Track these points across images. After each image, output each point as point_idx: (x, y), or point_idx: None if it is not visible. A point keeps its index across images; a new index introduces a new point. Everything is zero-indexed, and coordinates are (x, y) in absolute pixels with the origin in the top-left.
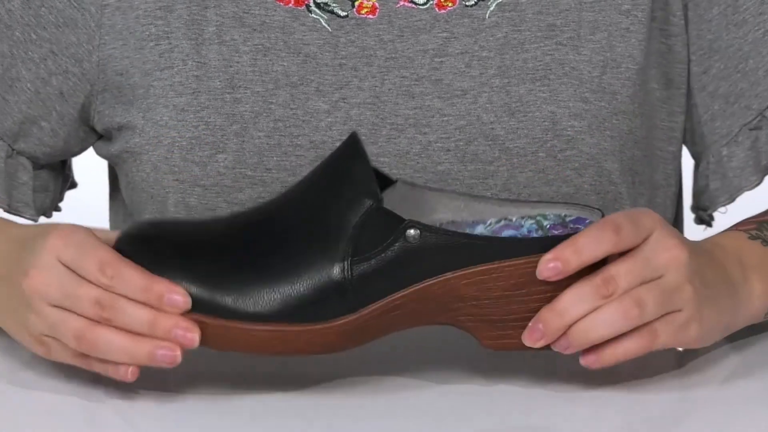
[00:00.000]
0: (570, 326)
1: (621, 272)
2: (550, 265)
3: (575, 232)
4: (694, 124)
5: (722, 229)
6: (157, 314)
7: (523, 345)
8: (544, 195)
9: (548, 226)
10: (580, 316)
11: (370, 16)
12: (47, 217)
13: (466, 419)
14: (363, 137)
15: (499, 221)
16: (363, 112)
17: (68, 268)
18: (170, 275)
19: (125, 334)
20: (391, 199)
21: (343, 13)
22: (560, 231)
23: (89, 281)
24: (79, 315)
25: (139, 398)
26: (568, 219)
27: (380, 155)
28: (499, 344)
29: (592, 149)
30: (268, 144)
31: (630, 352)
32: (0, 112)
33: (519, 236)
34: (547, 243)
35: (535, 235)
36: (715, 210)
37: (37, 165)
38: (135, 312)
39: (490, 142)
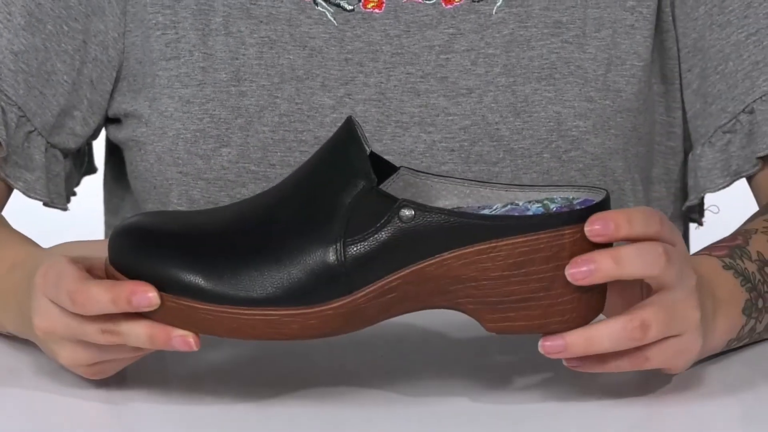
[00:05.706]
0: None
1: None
2: (599, 224)
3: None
4: (684, 121)
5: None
6: (153, 328)
7: (525, 329)
8: None
9: (554, 209)
10: (605, 351)
11: (377, 10)
12: (67, 202)
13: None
14: (368, 134)
15: (505, 206)
16: (368, 109)
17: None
18: (162, 263)
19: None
20: (394, 187)
21: (349, 7)
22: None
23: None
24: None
25: (139, 401)
26: (575, 201)
27: (384, 153)
28: (501, 327)
29: (597, 149)
30: (272, 139)
31: (619, 368)
32: (39, 107)
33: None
34: (544, 220)
35: None
36: (685, 206)
37: (65, 154)
38: (133, 330)
39: (494, 143)
